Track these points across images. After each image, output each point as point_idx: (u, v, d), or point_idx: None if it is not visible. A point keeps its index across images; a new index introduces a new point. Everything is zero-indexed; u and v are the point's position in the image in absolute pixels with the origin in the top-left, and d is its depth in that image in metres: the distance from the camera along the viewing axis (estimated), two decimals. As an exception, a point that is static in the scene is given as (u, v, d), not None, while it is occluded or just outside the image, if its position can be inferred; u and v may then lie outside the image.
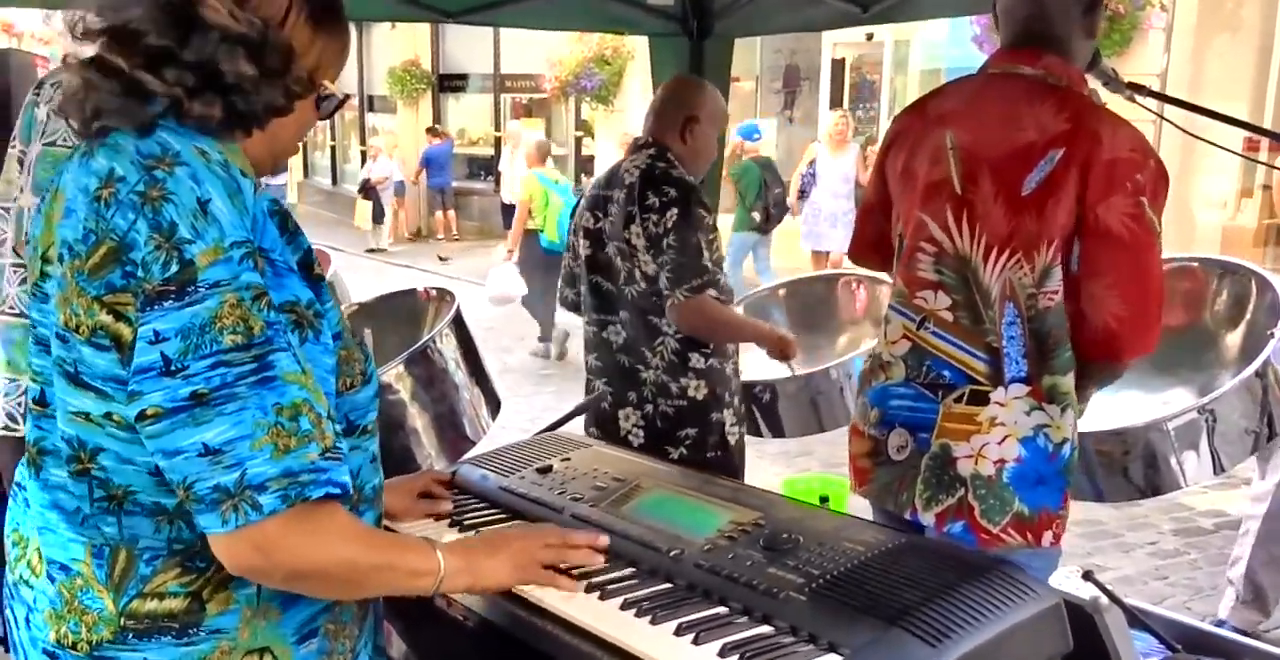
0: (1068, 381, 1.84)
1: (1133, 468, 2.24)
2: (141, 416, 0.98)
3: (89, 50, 1.07)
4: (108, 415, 1.03)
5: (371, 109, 17.17)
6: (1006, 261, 1.82)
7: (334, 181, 18.12)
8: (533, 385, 6.78)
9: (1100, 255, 1.76)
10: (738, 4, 3.50)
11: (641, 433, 2.59)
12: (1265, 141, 7.94)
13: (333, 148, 18.21)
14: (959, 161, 1.88)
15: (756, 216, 8.39)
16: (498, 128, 15.04)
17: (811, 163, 9.07)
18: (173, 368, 0.97)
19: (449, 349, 2.05)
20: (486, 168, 15.47)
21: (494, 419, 2.13)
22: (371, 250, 13.28)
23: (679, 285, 2.44)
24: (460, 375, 2.05)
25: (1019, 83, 1.88)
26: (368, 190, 13.39)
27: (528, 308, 7.72)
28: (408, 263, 12.39)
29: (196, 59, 1.04)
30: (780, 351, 2.73)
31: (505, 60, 14.86)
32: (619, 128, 11.68)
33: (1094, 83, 2.04)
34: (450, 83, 15.74)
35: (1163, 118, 2.32)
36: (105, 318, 1.01)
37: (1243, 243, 8.25)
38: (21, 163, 2.09)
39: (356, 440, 1.17)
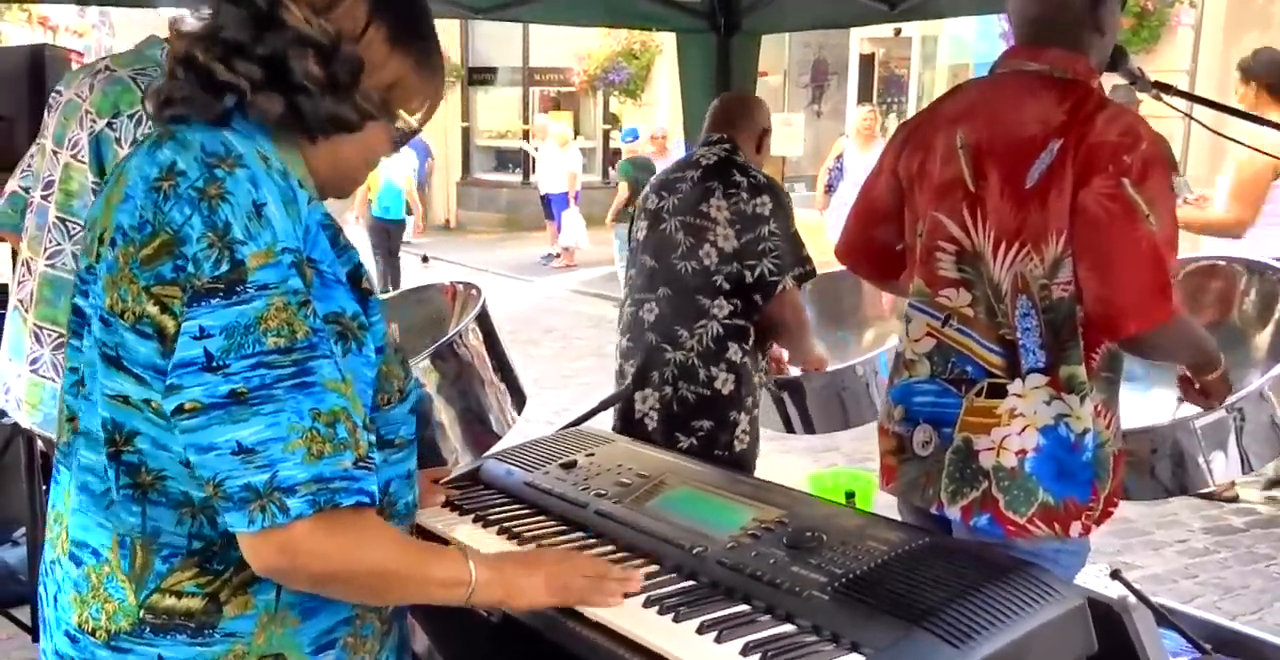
0: (1082, 371, 1.85)
1: (1160, 466, 2.23)
2: (179, 410, 0.99)
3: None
4: (146, 401, 1.04)
5: (400, 102, 17.25)
6: (1016, 255, 1.83)
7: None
8: (560, 378, 6.81)
9: (1082, 237, 1.76)
10: (765, 1, 3.50)
11: (656, 416, 2.61)
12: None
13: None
14: (969, 159, 1.89)
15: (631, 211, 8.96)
16: (526, 121, 15.08)
17: (839, 157, 9.04)
18: (214, 364, 0.98)
19: (475, 344, 2.07)
20: (515, 160, 15.53)
21: (519, 413, 2.15)
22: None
23: (787, 271, 2.54)
24: (486, 370, 2.06)
25: (1025, 79, 1.89)
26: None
27: None
28: (435, 255, 12.46)
29: (267, 53, 1.06)
30: (812, 369, 2.80)
31: (534, 54, 14.90)
32: (647, 121, 11.69)
33: (1111, 81, 2.03)
34: (479, 76, 15.81)
35: (1190, 117, 2.30)
36: (152, 308, 1.02)
37: (1276, 237, 8.14)
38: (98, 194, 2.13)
39: (389, 454, 1.17)
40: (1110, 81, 2.06)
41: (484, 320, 2.13)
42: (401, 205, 9.72)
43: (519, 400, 2.16)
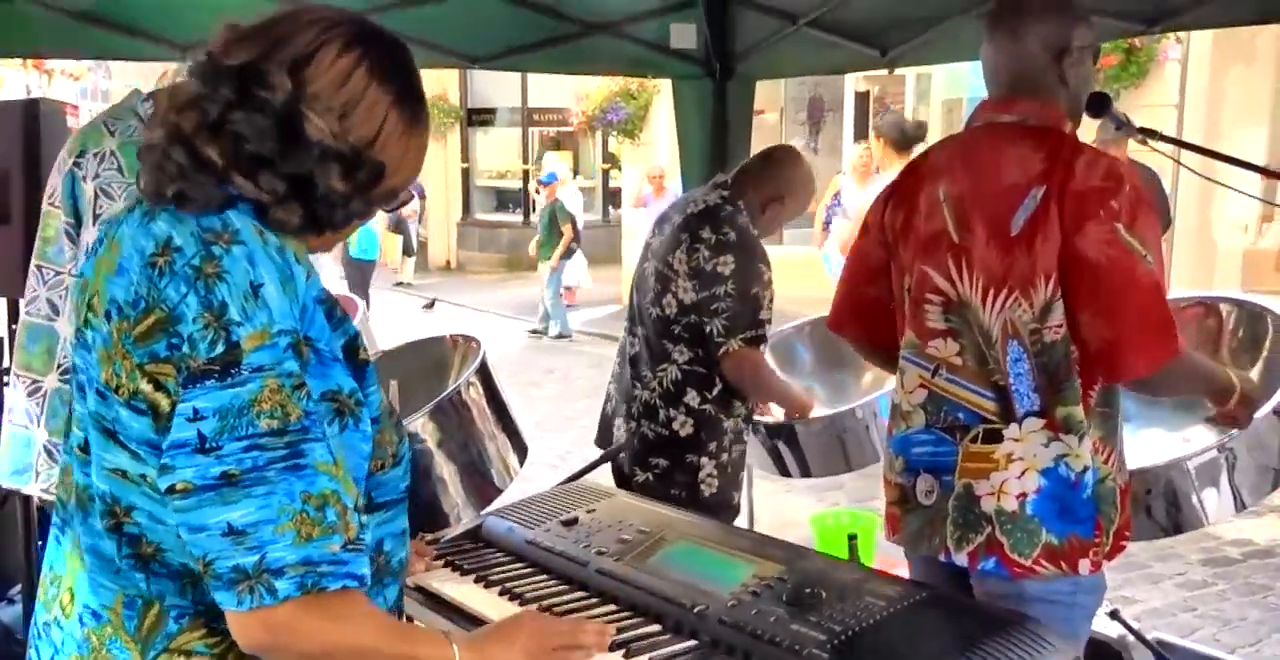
0: (1080, 411, 1.88)
1: (1155, 506, 2.26)
2: (171, 490, 1.00)
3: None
4: (143, 476, 1.05)
5: (400, 144, 17.41)
6: (1005, 301, 1.87)
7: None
8: (562, 420, 6.82)
9: (1083, 283, 1.80)
10: (759, 47, 3.58)
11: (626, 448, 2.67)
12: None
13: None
14: (952, 211, 1.94)
15: (552, 251, 10.14)
16: (526, 161, 15.21)
17: (836, 194, 9.12)
18: (207, 446, 0.99)
19: (476, 397, 2.09)
20: (515, 200, 15.65)
21: (521, 465, 2.17)
22: (399, 284, 13.44)
23: (734, 334, 2.52)
24: (487, 423, 2.08)
25: (1000, 129, 1.96)
26: (398, 224, 13.54)
27: None
28: (437, 297, 12.52)
29: (294, 171, 1.06)
30: (798, 416, 2.79)
31: (533, 94, 15.07)
32: (645, 160, 11.79)
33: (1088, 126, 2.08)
34: (478, 117, 15.97)
35: (1178, 162, 2.35)
36: (145, 385, 1.03)
37: (1264, 266, 8.22)
38: (71, 237, 2.17)
39: (380, 516, 1.18)
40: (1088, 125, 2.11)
41: (484, 373, 2.15)
42: (376, 246, 10.57)
43: (521, 452, 2.18)
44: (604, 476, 2.35)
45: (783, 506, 4.84)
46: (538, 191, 10.75)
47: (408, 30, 3.16)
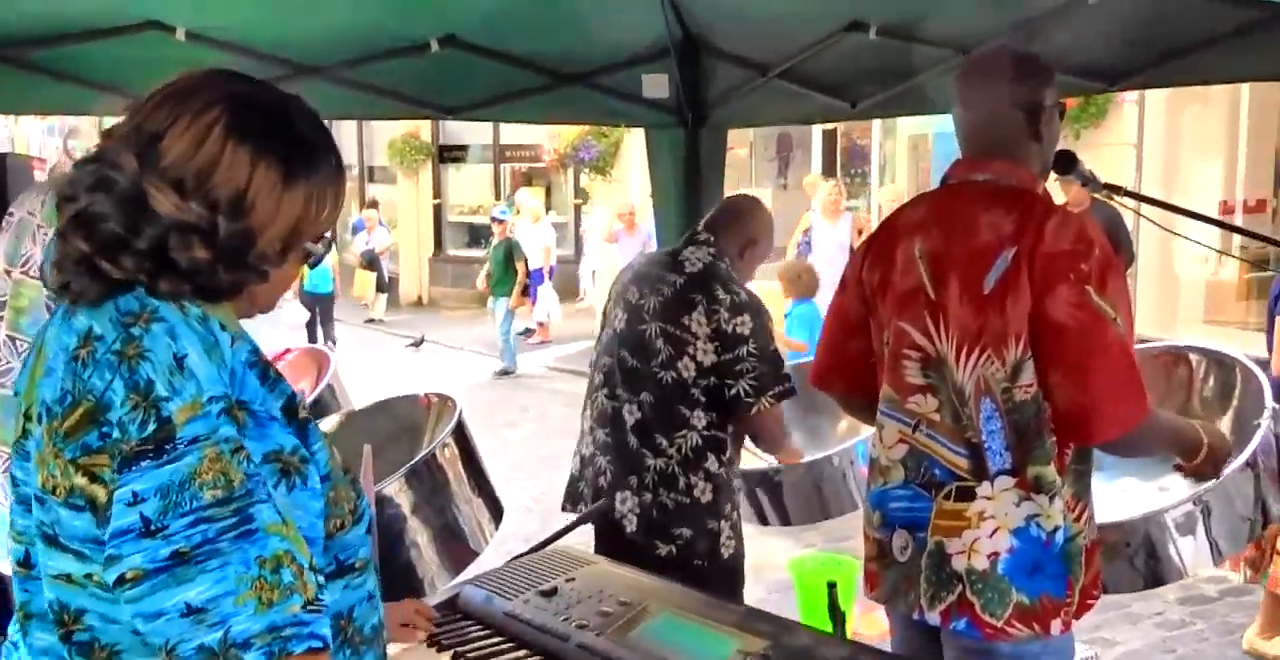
0: (1050, 471, 1.89)
1: (1134, 559, 2.27)
2: (121, 580, 0.97)
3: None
4: (89, 576, 1.02)
5: (371, 179, 17.42)
6: (978, 358, 1.89)
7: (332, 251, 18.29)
8: (538, 461, 6.77)
9: (1053, 345, 1.82)
10: (731, 97, 3.62)
11: (635, 520, 2.61)
12: (1239, 204, 8.24)
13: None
14: (928, 267, 1.97)
15: (507, 287, 10.26)
16: (498, 197, 15.24)
17: (806, 231, 9.22)
18: (153, 528, 0.97)
19: (450, 459, 2.07)
20: (488, 236, 15.63)
21: (497, 527, 2.14)
22: (371, 320, 13.37)
23: (764, 393, 2.53)
24: (462, 486, 2.06)
25: (974, 189, 1.99)
26: (371, 260, 13.50)
27: None
28: (409, 334, 12.46)
29: (148, 246, 1.05)
30: (788, 462, 2.83)
31: (505, 131, 15.11)
32: (617, 197, 11.88)
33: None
34: (450, 153, 16.00)
35: (1140, 214, 2.40)
36: (80, 480, 1.01)
37: (1226, 297, 8.38)
38: (51, 310, 2.13)
39: (349, 579, 1.17)
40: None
41: (460, 434, 2.13)
42: (329, 280, 10.68)
43: (496, 514, 2.16)
44: (578, 539, 2.32)
45: (759, 548, 4.78)
46: (492, 229, 10.74)
47: (380, 83, 3.26)
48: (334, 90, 3.10)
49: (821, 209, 9.15)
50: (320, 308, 10.67)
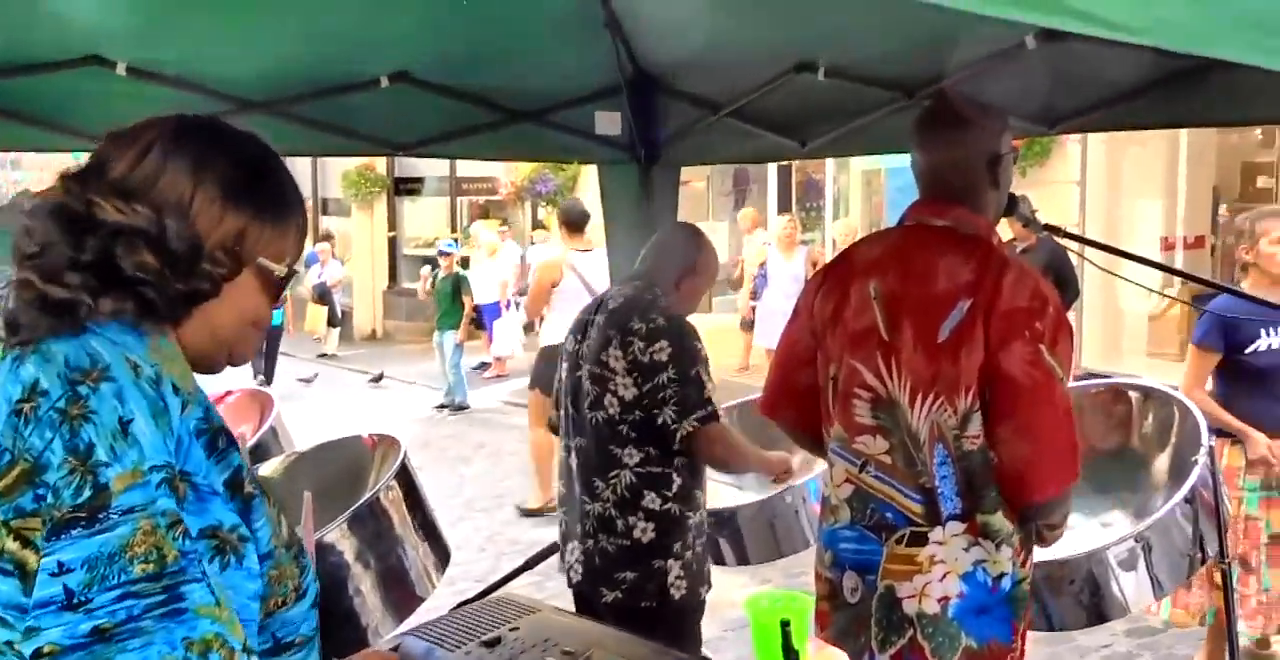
0: (998, 519, 1.91)
1: (1079, 596, 2.30)
2: (37, 654, 0.92)
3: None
4: (10, 643, 0.97)
5: (325, 212, 17.30)
6: (932, 404, 1.91)
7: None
8: (492, 499, 6.69)
9: (1004, 400, 1.86)
10: (683, 135, 3.65)
11: (580, 568, 2.56)
12: (1179, 240, 8.48)
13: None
14: (883, 309, 1.98)
15: (453, 321, 10.07)
16: (454, 230, 15.21)
17: (762, 264, 9.31)
18: (75, 601, 0.92)
19: (395, 502, 2.03)
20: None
21: (443, 571, 2.09)
22: (322, 355, 13.22)
23: (687, 416, 2.46)
24: (406, 529, 2.01)
25: (932, 234, 2.01)
26: (322, 294, 13.37)
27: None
28: (363, 368, 12.33)
29: (93, 258, 1.03)
30: (783, 476, 2.76)
31: (462, 163, 15.08)
32: (574, 230, 11.88)
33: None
34: (406, 186, 15.95)
35: (1084, 257, 2.47)
36: (11, 544, 0.96)
37: (1168, 331, 8.58)
38: None
39: (286, 657, 1.13)
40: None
41: (405, 476, 2.09)
42: (279, 313, 10.49)
43: (442, 557, 2.12)
44: (533, 579, 2.29)
45: (715, 585, 4.80)
46: (437, 262, 10.65)
47: (331, 119, 3.25)
48: (282, 126, 3.08)
49: (777, 243, 9.25)
50: (270, 338, 10.58)
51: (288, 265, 1.17)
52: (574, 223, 6.24)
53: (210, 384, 1.42)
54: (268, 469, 2.45)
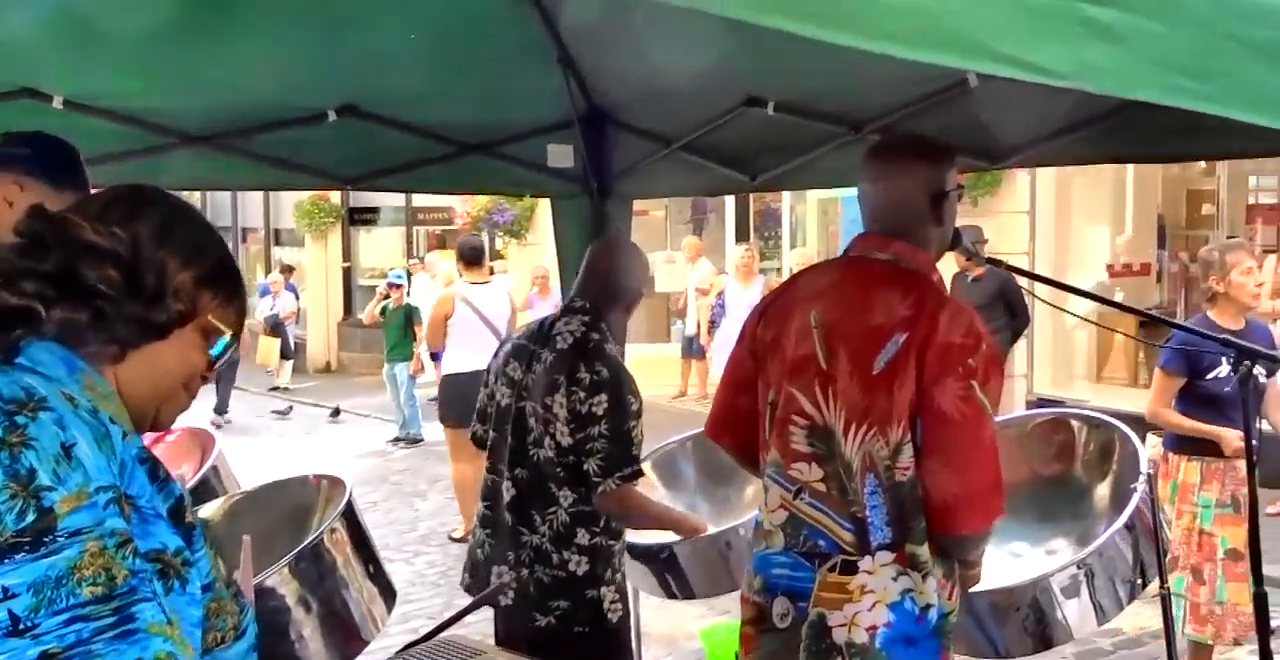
0: (925, 551, 1.94)
1: (1025, 623, 2.32)
2: None
3: None
4: None
5: (278, 242, 17.14)
6: (865, 434, 1.93)
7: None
8: (445, 536, 6.58)
9: (935, 434, 1.89)
10: (635, 168, 3.68)
11: (512, 594, 2.59)
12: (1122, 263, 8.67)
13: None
14: (822, 338, 2.01)
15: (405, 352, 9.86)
16: (410, 259, 15.13)
17: (720, 294, 9.37)
18: (21, 627, 0.91)
19: (339, 544, 1.99)
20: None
21: (389, 612, 2.06)
22: (275, 388, 13.01)
23: (610, 474, 2.50)
24: (351, 571, 1.97)
25: (873, 267, 2.05)
26: (275, 326, 13.18)
27: None
28: (315, 401, 12.16)
29: (56, 269, 1.03)
30: (690, 536, 2.80)
31: (417, 194, 15.08)
32: (532, 261, 11.87)
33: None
34: (361, 216, 15.85)
35: (1033, 294, 2.53)
36: None
37: (1117, 356, 8.80)
38: None
39: None
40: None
41: (350, 517, 2.06)
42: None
43: (389, 598, 2.08)
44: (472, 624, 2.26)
45: (673, 618, 4.77)
46: (386, 294, 10.50)
47: (279, 152, 3.23)
48: (227, 160, 3.06)
49: (735, 272, 9.33)
50: (221, 373, 10.41)
51: (230, 335, 1.17)
52: (468, 258, 6.70)
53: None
54: (208, 511, 2.40)
